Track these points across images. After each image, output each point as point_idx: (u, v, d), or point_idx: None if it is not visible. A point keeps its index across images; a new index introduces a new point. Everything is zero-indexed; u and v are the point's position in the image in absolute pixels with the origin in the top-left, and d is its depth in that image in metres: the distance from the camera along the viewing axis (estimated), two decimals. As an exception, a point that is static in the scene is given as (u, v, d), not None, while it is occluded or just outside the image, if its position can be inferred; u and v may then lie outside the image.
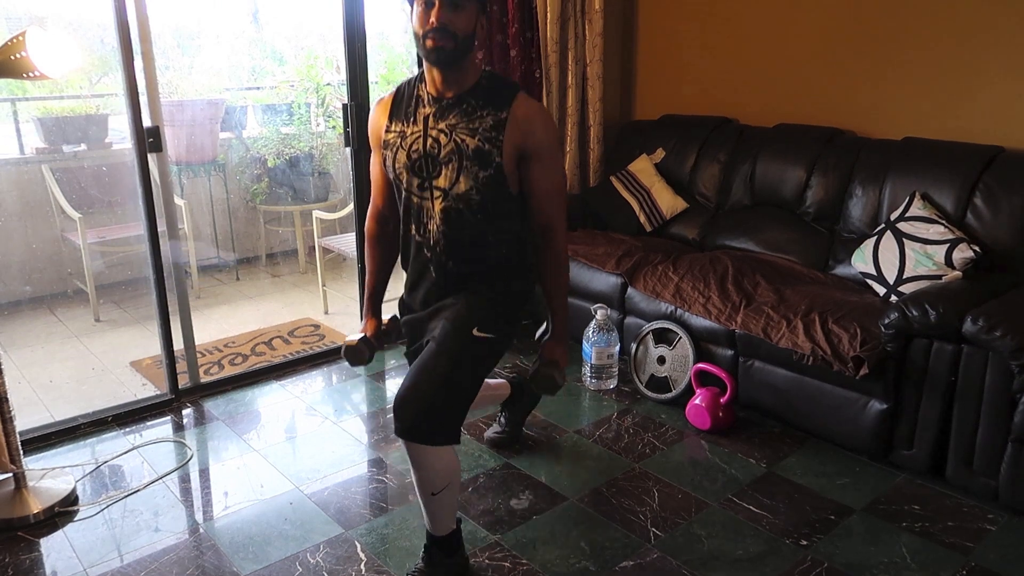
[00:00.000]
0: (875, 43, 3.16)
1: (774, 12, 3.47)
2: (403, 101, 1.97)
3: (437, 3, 1.80)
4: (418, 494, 1.98)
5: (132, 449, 2.72)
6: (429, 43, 1.81)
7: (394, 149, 1.95)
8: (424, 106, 1.93)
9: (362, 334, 2.19)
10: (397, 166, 1.95)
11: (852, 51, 3.24)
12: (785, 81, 3.49)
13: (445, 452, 1.92)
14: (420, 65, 1.96)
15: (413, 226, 2.00)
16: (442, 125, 1.90)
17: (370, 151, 2.11)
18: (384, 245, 2.19)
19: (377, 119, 2.02)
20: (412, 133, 1.93)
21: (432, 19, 1.79)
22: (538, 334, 2.14)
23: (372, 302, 2.23)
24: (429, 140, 1.91)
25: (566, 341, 2.13)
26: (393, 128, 1.96)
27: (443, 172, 1.91)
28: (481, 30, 1.90)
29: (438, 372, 1.87)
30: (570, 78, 3.71)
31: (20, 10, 4.03)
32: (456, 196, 1.91)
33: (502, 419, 2.74)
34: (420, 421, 1.84)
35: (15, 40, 2.02)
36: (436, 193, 1.93)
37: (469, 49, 1.87)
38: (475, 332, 1.94)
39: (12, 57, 2.02)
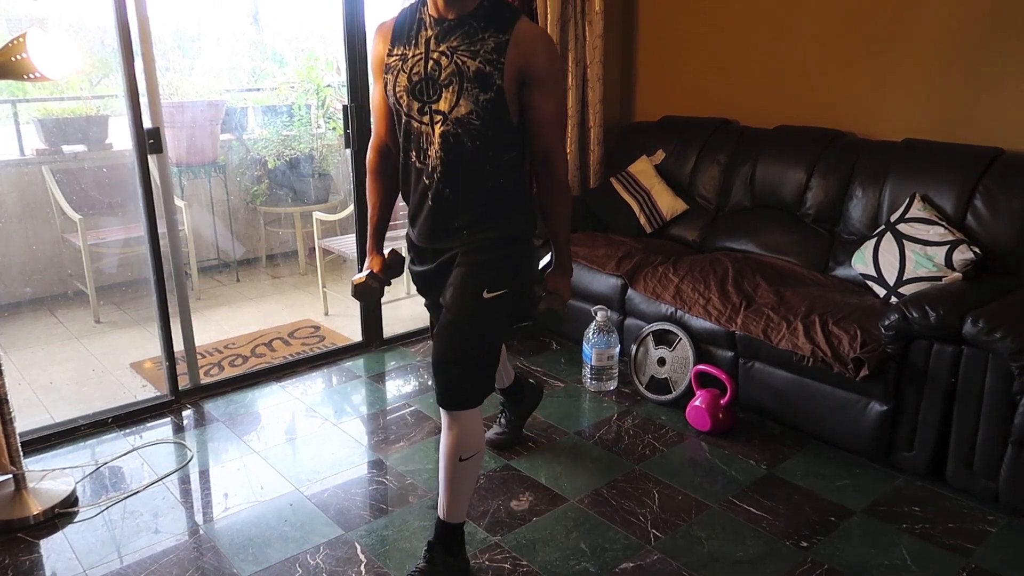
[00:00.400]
0: (875, 45, 3.17)
1: (775, 14, 3.47)
2: (405, 25, 1.94)
3: None
4: (444, 464, 1.99)
5: (132, 450, 2.72)
6: None
7: (395, 73, 1.92)
8: (426, 28, 1.90)
9: (369, 270, 2.17)
10: (398, 90, 1.92)
11: (852, 53, 3.24)
12: (785, 83, 3.50)
13: (476, 417, 1.96)
14: None
15: (413, 152, 1.96)
16: (443, 47, 1.87)
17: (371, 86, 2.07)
18: (387, 177, 2.15)
19: (378, 45, 1.99)
20: (413, 56, 1.90)
21: None
22: (542, 264, 2.14)
23: (376, 238, 2.20)
24: (430, 63, 1.88)
25: (570, 272, 2.14)
26: (395, 52, 1.93)
27: (443, 95, 1.87)
28: None
29: (459, 343, 1.92)
30: (570, 79, 3.72)
31: (21, 11, 4.03)
32: (456, 120, 1.88)
33: (502, 420, 2.74)
34: (456, 387, 1.92)
35: (16, 42, 2.02)
36: (436, 117, 1.89)
37: None
38: (485, 295, 1.95)
39: (13, 58, 2.03)
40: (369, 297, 2.17)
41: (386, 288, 2.24)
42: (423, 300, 2.26)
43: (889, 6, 3.10)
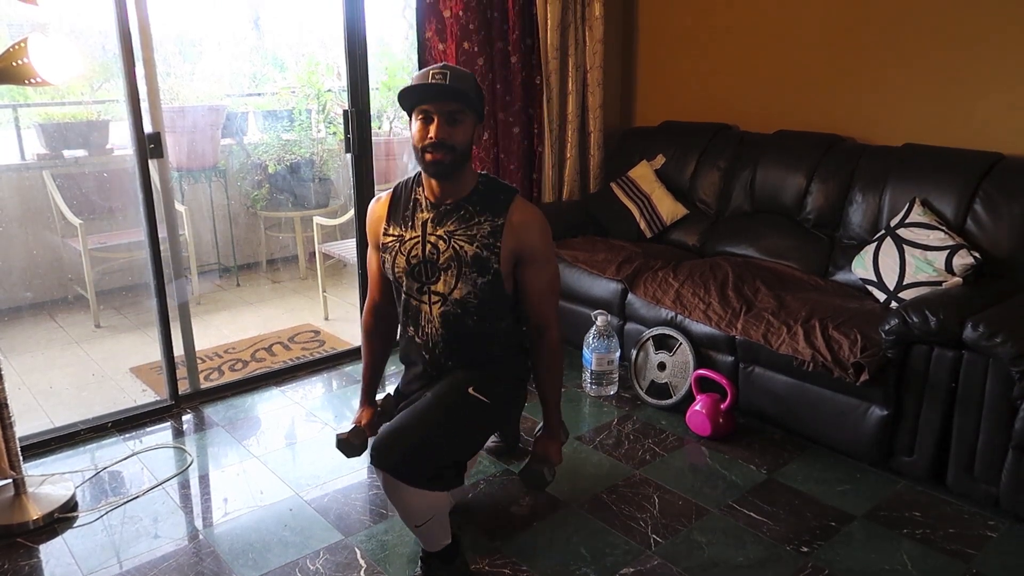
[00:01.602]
0: (875, 50, 3.17)
1: (774, 20, 3.48)
2: (400, 203, 2.03)
3: (436, 119, 1.85)
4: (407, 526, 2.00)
5: (132, 455, 2.72)
6: (428, 157, 1.88)
7: (392, 253, 2.01)
8: (422, 210, 1.99)
9: (354, 425, 2.20)
10: (396, 270, 2.01)
11: (852, 58, 3.25)
12: (785, 88, 3.50)
13: (426, 492, 1.88)
14: (417, 175, 2.04)
15: (411, 327, 2.07)
16: (440, 231, 1.96)
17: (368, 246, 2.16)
18: (381, 339, 2.24)
19: (375, 220, 2.08)
20: (411, 238, 1.98)
21: (431, 134, 1.86)
22: (536, 432, 2.22)
23: (368, 392, 2.28)
24: (428, 246, 1.96)
25: (560, 437, 2.18)
26: (391, 232, 2.02)
27: (442, 278, 1.97)
28: (477, 138, 1.96)
29: (428, 416, 1.90)
30: (570, 84, 3.72)
31: (22, 17, 4.03)
32: (455, 301, 1.97)
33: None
34: (401, 458, 1.83)
35: (17, 46, 2.02)
36: (435, 298, 1.99)
37: (467, 159, 1.94)
38: (471, 391, 1.97)
39: (14, 63, 2.03)
40: (350, 453, 2.19)
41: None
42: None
43: (887, 11, 3.11)
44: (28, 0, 2.00)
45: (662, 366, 3.00)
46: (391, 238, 2.01)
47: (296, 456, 2.72)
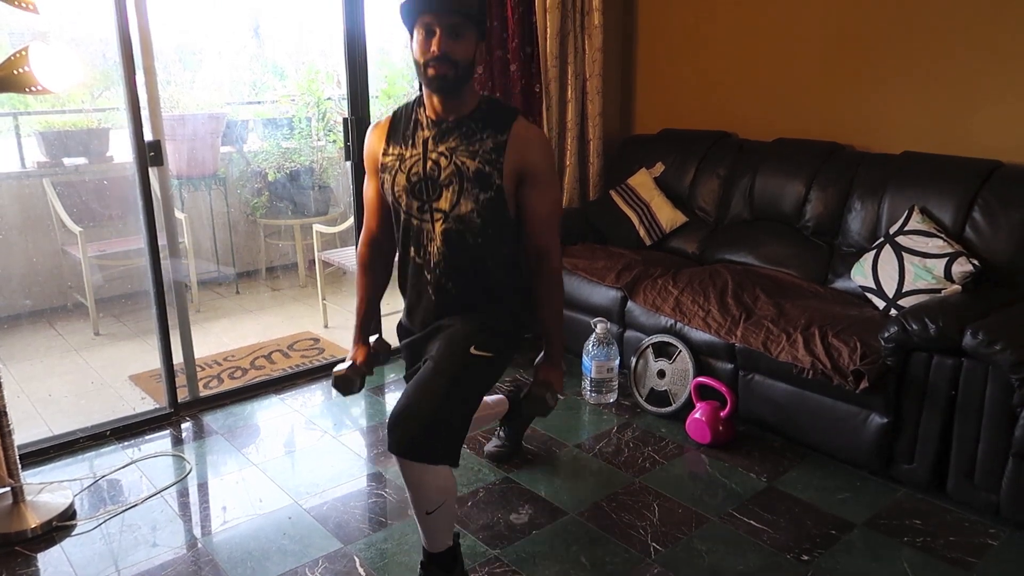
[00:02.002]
0: (873, 58, 3.18)
1: (773, 27, 3.49)
2: (400, 125, 2.00)
3: (438, 32, 1.82)
4: (413, 512, 1.97)
5: (130, 463, 2.72)
6: (431, 71, 1.84)
7: (392, 172, 1.97)
8: (423, 129, 1.96)
9: (351, 362, 2.15)
10: (396, 189, 1.97)
11: (850, 66, 3.26)
12: (784, 96, 3.51)
13: (441, 470, 1.88)
14: (421, 88, 1.98)
15: (412, 248, 2.01)
16: (442, 148, 1.93)
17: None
18: (376, 271, 2.19)
19: (373, 143, 2.05)
20: (411, 156, 1.95)
21: (433, 48, 1.82)
22: (537, 360, 2.17)
23: (362, 330, 2.20)
24: (429, 163, 1.94)
25: (561, 364, 2.14)
26: (391, 151, 1.99)
27: (443, 194, 1.94)
28: (480, 55, 1.93)
29: (436, 389, 1.84)
30: (570, 92, 3.73)
31: (23, 25, 4.05)
32: (456, 218, 1.94)
33: (501, 433, 2.73)
34: (417, 438, 1.80)
35: (18, 55, 2.03)
36: (436, 215, 1.95)
37: (470, 75, 1.90)
38: (472, 351, 1.93)
39: (15, 72, 2.04)
40: (348, 389, 2.13)
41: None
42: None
43: (886, 20, 3.12)
44: (29, 8, 2.01)
45: (662, 374, 3.00)
46: (391, 157, 1.98)
47: (295, 464, 2.72)
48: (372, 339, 2.22)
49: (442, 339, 1.97)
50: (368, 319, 2.20)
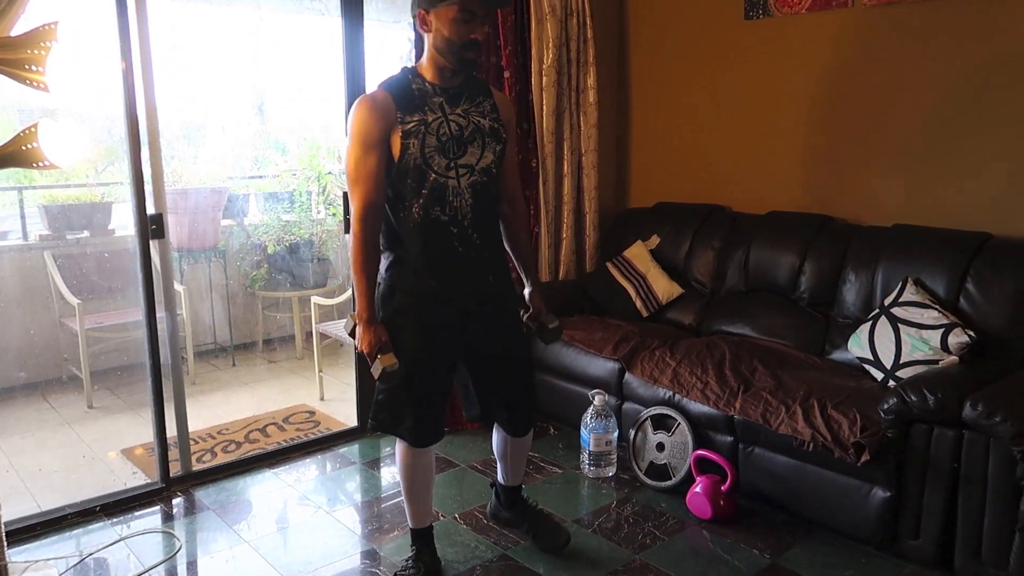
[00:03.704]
0: (862, 132, 3.26)
1: (763, 103, 3.59)
2: (404, 96, 2.11)
3: (480, 21, 2.08)
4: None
5: (119, 540, 2.65)
6: (469, 55, 2.09)
7: (420, 136, 2.10)
8: (433, 96, 2.14)
9: (387, 350, 2.13)
10: (428, 150, 2.10)
11: (839, 140, 3.34)
12: (775, 170, 3.59)
13: None
14: (403, 75, 2.17)
15: (436, 207, 2.13)
16: (458, 110, 2.15)
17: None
18: (377, 247, 2.18)
19: (379, 117, 2.08)
20: (434, 119, 2.11)
21: (477, 35, 2.08)
22: (529, 293, 2.46)
23: (373, 308, 2.16)
24: (452, 124, 2.14)
25: (542, 289, 2.50)
26: (411, 119, 2.10)
27: (468, 150, 2.15)
28: None
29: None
30: (566, 167, 3.81)
31: (33, 103, 4.15)
32: (481, 170, 2.17)
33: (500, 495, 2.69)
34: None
35: (27, 131, 2.08)
36: (462, 171, 2.14)
37: None
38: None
39: (23, 148, 2.08)
40: (398, 377, 2.15)
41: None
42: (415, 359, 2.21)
43: (873, 96, 3.21)
44: (41, 87, 2.07)
45: (661, 446, 2.96)
46: (413, 123, 2.09)
47: (287, 541, 2.66)
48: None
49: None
50: (373, 292, 2.17)
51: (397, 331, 2.17)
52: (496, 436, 2.53)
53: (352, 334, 2.19)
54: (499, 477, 2.64)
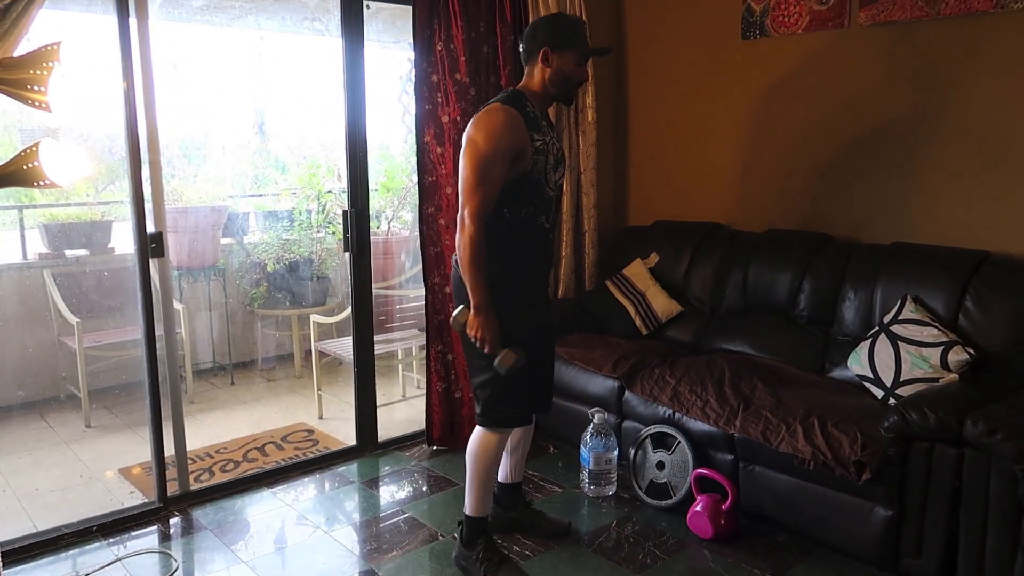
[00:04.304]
0: (859, 151, 3.28)
1: (761, 122, 3.61)
2: (528, 118, 2.34)
3: (588, 71, 2.48)
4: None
5: (115, 561, 2.63)
6: (576, 91, 2.45)
7: (545, 154, 2.36)
8: (542, 120, 2.41)
9: (508, 348, 2.28)
10: (548, 167, 2.38)
11: (837, 158, 3.35)
12: (773, 188, 3.60)
13: None
14: (517, 96, 2.37)
15: (543, 216, 2.41)
16: (552, 135, 2.43)
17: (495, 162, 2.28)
18: (487, 242, 2.29)
19: (519, 130, 2.29)
20: (550, 141, 2.40)
21: (587, 76, 2.43)
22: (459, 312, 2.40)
23: (492, 301, 2.30)
24: (556, 146, 2.44)
25: None
26: (538, 138, 2.34)
27: (559, 170, 2.46)
28: None
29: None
30: (565, 185, 3.82)
31: (35, 122, 4.17)
32: (560, 187, 2.54)
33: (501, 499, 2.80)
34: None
35: (28, 151, 2.09)
36: (557, 189, 2.48)
37: None
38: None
39: (24, 167, 2.09)
40: (519, 365, 2.31)
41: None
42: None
43: (869, 114, 3.23)
44: (43, 107, 2.08)
45: (661, 465, 2.95)
46: (540, 143, 2.33)
47: (285, 561, 2.64)
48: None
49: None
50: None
51: (506, 323, 2.33)
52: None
53: (462, 328, 2.33)
54: (504, 477, 2.75)
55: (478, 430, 2.47)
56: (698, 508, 2.73)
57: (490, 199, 2.25)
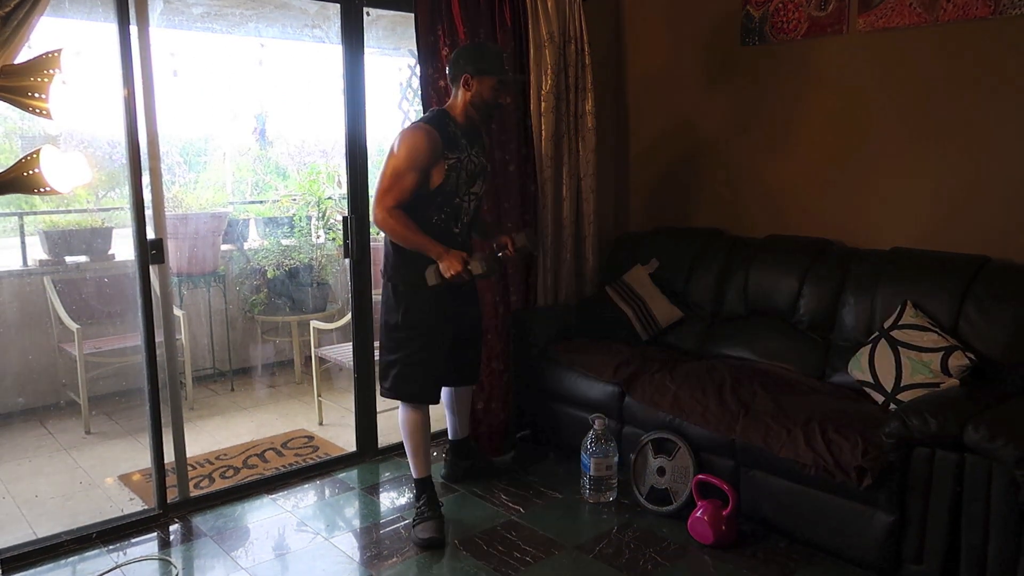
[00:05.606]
0: (859, 156, 3.28)
1: (760, 128, 3.62)
2: (447, 136, 2.66)
3: (508, 91, 2.92)
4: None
5: (115, 568, 2.63)
6: (495, 114, 2.90)
7: (458, 170, 2.69)
8: (460, 138, 2.71)
9: (482, 254, 2.66)
10: (460, 181, 2.70)
11: (837, 164, 3.36)
12: (773, 193, 3.60)
13: None
14: (442, 116, 2.73)
15: (453, 223, 2.75)
16: (472, 151, 2.76)
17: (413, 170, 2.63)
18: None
19: (435, 148, 2.62)
20: (464, 158, 2.71)
21: (508, 99, 2.83)
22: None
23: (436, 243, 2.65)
24: (472, 162, 2.75)
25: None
26: (451, 156, 2.67)
27: (477, 181, 2.79)
28: None
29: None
30: (565, 191, 3.82)
31: (36, 129, 4.19)
32: (478, 196, 2.84)
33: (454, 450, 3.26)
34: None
35: (29, 158, 2.09)
36: (471, 197, 2.78)
37: None
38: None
39: (25, 174, 2.09)
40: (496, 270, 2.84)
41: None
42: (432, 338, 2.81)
43: (870, 119, 3.24)
44: (44, 115, 2.09)
45: (661, 471, 2.95)
46: (454, 160, 2.66)
47: (285, 568, 2.63)
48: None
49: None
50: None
51: (417, 311, 2.74)
52: (445, 395, 3.10)
53: (437, 280, 2.61)
54: (453, 434, 3.23)
55: (400, 406, 2.87)
56: (699, 514, 2.72)
57: (401, 200, 2.62)
